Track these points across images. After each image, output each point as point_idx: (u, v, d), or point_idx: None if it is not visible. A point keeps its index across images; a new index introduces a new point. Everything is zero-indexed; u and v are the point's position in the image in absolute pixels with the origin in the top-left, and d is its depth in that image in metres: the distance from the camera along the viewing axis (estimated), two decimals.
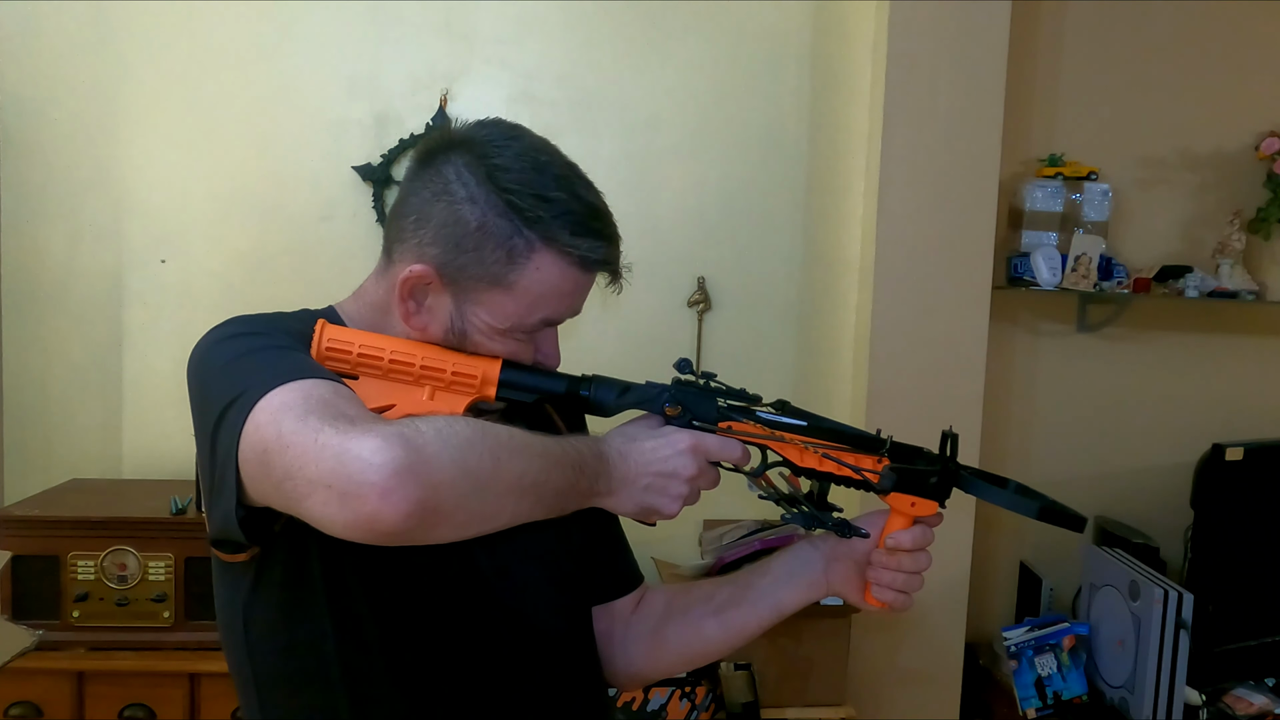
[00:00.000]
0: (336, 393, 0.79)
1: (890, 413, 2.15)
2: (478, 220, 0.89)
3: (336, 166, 2.19)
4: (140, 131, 2.17)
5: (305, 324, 0.92)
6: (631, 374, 0.88)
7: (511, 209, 0.89)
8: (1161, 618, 1.92)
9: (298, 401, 0.76)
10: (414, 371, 0.90)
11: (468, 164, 0.90)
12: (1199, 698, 2.01)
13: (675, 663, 1.15)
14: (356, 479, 0.70)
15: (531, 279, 0.90)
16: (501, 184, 0.89)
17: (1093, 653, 2.11)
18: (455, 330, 0.93)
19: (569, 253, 0.90)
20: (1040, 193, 2.25)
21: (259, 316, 0.93)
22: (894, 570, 0.99)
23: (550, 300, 0.92)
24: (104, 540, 1.81)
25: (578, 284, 0.94)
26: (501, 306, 0.91)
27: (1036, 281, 2.22)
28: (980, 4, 2.10)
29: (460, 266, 0.90)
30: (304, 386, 0.78)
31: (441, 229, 0.90)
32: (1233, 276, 2.28)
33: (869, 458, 0.95)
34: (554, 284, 0.91)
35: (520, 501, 0.81)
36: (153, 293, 2.19)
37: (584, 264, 0.92)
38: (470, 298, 0.91)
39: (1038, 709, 2.04)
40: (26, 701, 1.77)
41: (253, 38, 2.17)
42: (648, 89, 2.24)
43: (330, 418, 0.74)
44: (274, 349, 0.85)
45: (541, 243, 0.89)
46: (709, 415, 0.95)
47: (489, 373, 0.92)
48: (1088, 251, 2.20)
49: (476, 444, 0.78)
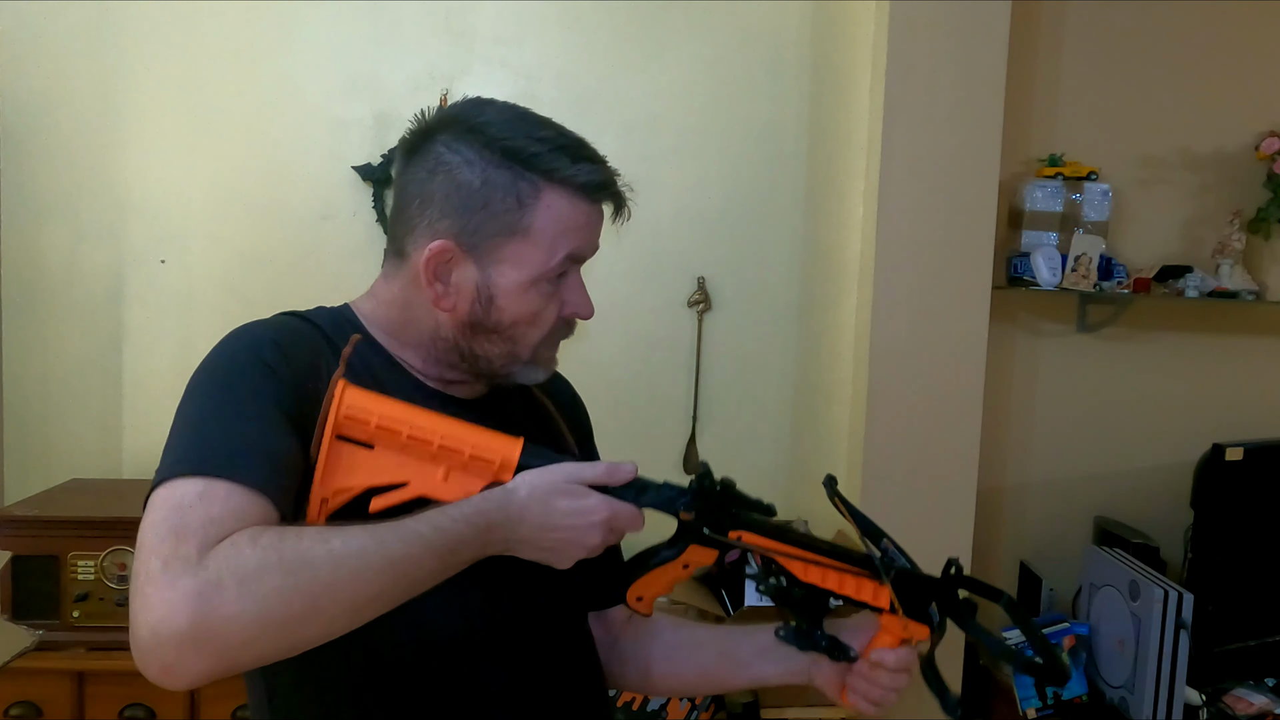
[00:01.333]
0: (205, 505, 0.77)
1: (890, 413, 2.16)
2: (480, 177, 0.91)
3: (336, 166, 2.19)
4: (140, 131, 2.17)
5: (318, 324, 0.95)
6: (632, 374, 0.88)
7: (508, 156, 0.91)
8: (1161, 618, 1.91)
9: (164, 517, 0.76)
10: (431, 450, 0.88)
11: (453, 135, 0.93)
12: (1199, 698, 2.00)
13: (664, 692, 1.20)
14: (141, 646, 0.71)
15: (545, 218, 0.92)
16: (491, 137, 0.92)
17: (1093, 653, 2.11)
18: (483, 298, 0.93)
19: (572, 182, 0.92)
20: (1040, 193, 2.25)
21: (263, 332, 0.92)
22: (872, 683, 1.00)
23: (568, 236, 0.94)
24: (104, 540, 1.81)
25: (588, 215, 0.96)
26: (523, 256, 0.93)
27: (1036, 281, 2.22)
28: (980, 4, 2.10)
29: (475, 228, 0.92)
30: (183, 494, 0.77)
31: (447, 201, 0.92)
32: (1233, 276, 2.28)
33: (870, 584, 0.96)
34: (567, 218, 0.93)
35: (359, 615, 0.79)
36: (153, 293, 2.19)
37: (588, 191, 0.94)
38: (492, 257, 0.93)
39: (1038, 709, 2.04)
40: (26, 701, 1.78)
41: (253, 38, 2.17)
42: (648, 89, 2.24)
43: (166, 551, 0.73)
44: (231, 405, 0.84)
45: (544, 180, 0.92)
46: (723, 524, 0.94)
47: (509, 456, 0.89)
48: (1088, 251, 2.20)
49: (299, 586, 0.74)
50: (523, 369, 0.99)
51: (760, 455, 2.32)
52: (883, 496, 2.15)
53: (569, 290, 0.98)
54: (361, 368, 0.94)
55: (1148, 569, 2.03)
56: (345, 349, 0.92)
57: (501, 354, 0.97)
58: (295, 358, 0.89)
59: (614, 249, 1.08)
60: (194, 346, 2.19)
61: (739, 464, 2.29)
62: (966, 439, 2.17)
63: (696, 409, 2.29)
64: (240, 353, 0.90)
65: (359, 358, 0.94)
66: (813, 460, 2.33)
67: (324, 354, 0.92)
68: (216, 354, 0.91)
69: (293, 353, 0.90)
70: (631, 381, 2.28)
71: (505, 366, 0.98)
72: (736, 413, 2.31)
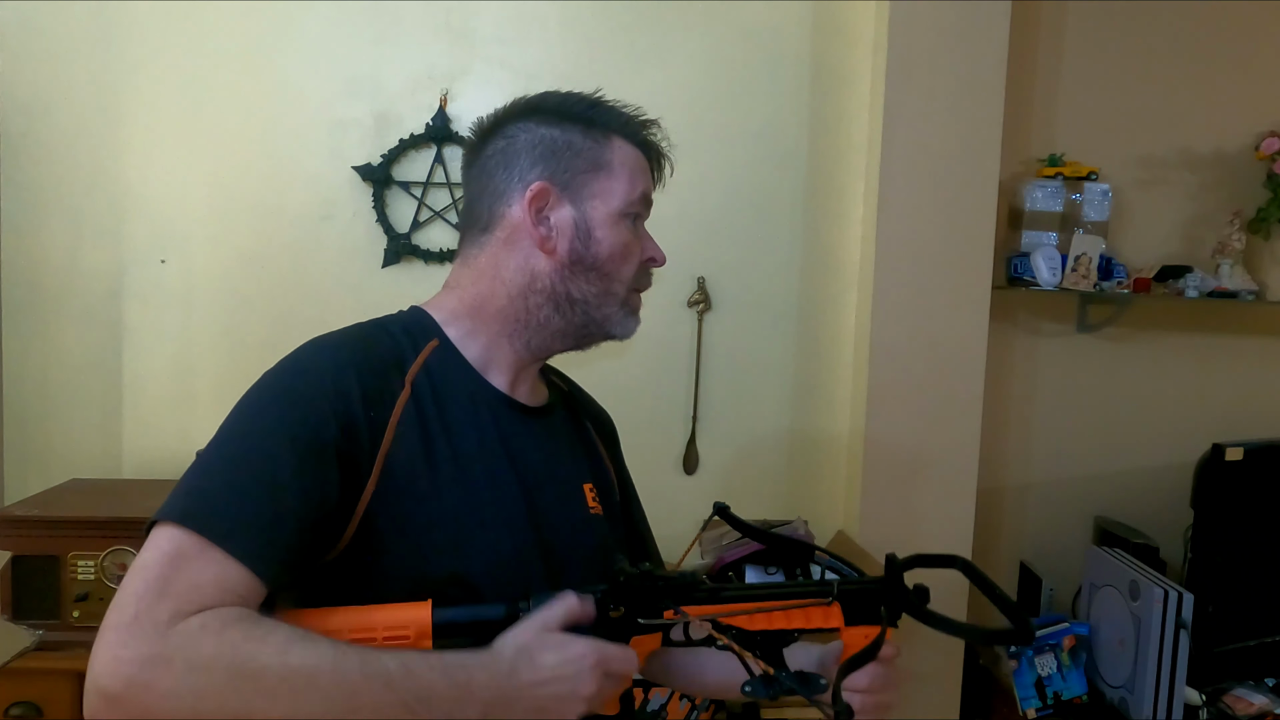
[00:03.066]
0: (196, 569, 0.79)
1: (890, 413, 2.16)
2: (559, 130, 1.03)
3: (336, 166, 2.19)
4: (140, 131, 2.17)
5: (394, 334, 0.98)
6: (632, 374, 0.88)
7: (573, 120, 1.04)
8: (1161, 618, 1.92)
9: (157, 562, 0.80)
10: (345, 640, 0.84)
11: (522, 117, 1.05)
12: (1199, 698, 2.00)
13: (682, 687, 1.22)
14: (88, 684, 0.76)
15: (620, 155, 1.04)
16: (553, 107, 1.05)
17: (1093, 653, 2.11)
18: (581, 233, 1.02)
19: (629, 134, 1.06)
20: (1040, 193, 2.25)
21: (332, 355, 0.92)
22: (862, 706, 0.99)
23: (639, 175, 1.05)
24: (104, 540, 1.81)
25: (644, 165, 1.07)
26: (611, 189, 1.03)
27: (1036, 281, 2.22)
28: (980, 4, 2.10)
29: (566, 167, 1.02)
30: (182, 549, 0.80)
31: (533, 152, 1.03)
32: (1233, 276, 2.28)
33: (819, 609, 0.95)
34: (633, 160, 1.05)
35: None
36: (153, 293, 2.19)
37: (643, 144, 1.07)
38: (584, 193, 1.02)
39: (1038, 709, 2.04)
40: (26, 701, 1.77)
41: (253, 38, 2.17)
42: (648, 89, 2.24)
43: (143, 606, 0.77)
44: (260, 459, 0.84)
45: (606, 132, 1.05)
46: (655, 607, 0.91)
47: (422, 623, 0.85)
48: (1088, 251, 2.20)
49: (239, 693, 0.75)
50: (619, 313, 1.06)
51: (760, 455, 2.32)
52: (883, 496, 2.16)
53: (645, 238, 1.08)
54: (437, 373, 0.98)
55: (1148, 569, 2.03)
56: (412, 368, 0.96)
57: (599, 292, 1.04)
58: (362, 383, 0.90)
59: None
60: (194, 346, 2.20)
61: (739, 464, 2.29)
62: (966, 439, 2.17)
63: (696, 409, 2.29)
64: (296, 385, 0.90)
65: (433, 365, 0.98)
66: (813, 460, 2.33)
67: (392, 379, 0.94)
68: (276, 379, 0.91)
69: (360, 379, 0.91)
70: (631, 381, 2.27)
71: (601, 308, 1.05)
72: (736, 413, 2.31)
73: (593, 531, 1.06)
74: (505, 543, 0.95)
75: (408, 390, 0.94)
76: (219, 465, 0.86)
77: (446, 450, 0.94)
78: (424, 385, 0.96)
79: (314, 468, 0.85)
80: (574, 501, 1.06)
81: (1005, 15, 2.11)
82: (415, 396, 0.94)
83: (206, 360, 2.19)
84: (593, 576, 1.00)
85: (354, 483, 0.88)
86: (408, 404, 0.93)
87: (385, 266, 2.21)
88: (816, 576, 1.04)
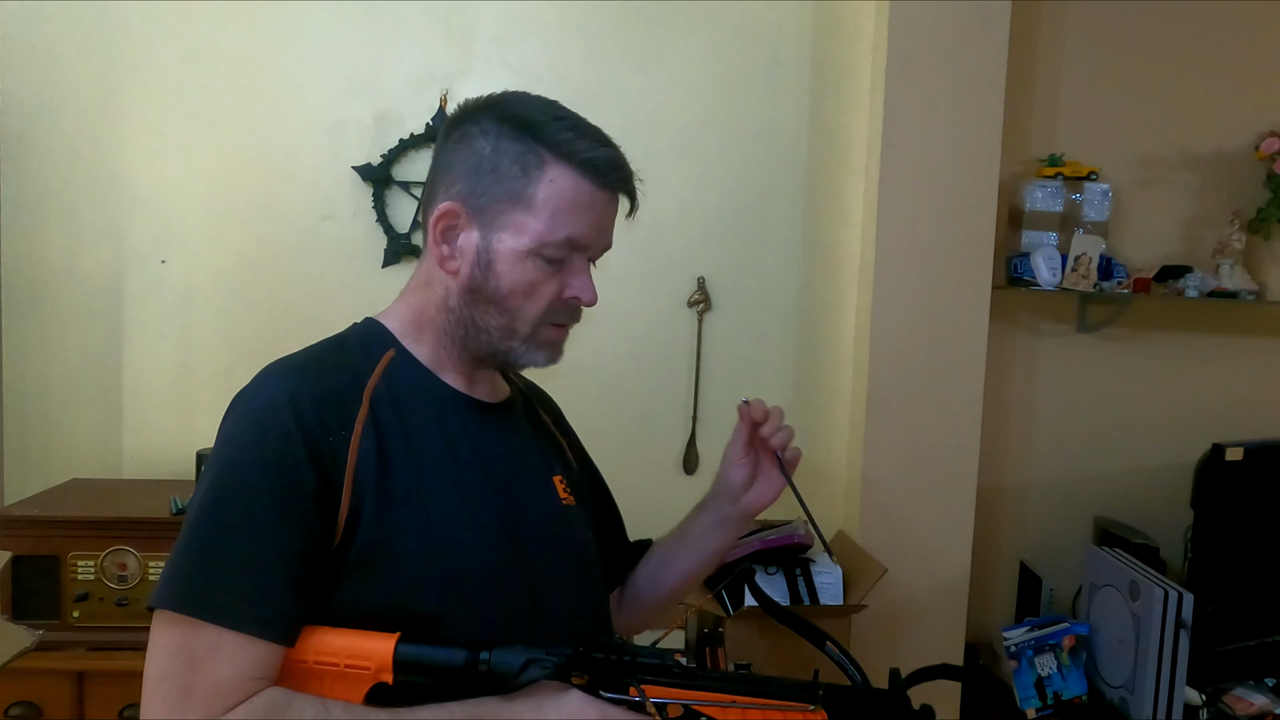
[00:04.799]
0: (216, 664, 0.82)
1: (890, 413, 2.16)
2: (491, 146, 0.96)
3: (336, 166, 2.19)
4: (140, 131, 2.17)
5: (348, 350, 0.98)
6: (632, 374, 0.88)
7: (521, 128, 0.95)
8: (1161, 618, 1.91)
9: (174, 659, 0.83)
10: (307, 667, 0.86)
11: (484, 114, 0.97)
12: (1199, 698, 2.00)
13: (646, 617, 1.24)
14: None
15: (548, 191, 0.94)
16: (511, 111, 0.97)
17: (1093, 653, 2.11)
18: (482, 262, 0.96)
19: (578, 159, 0.95)
20: (1040, 193, 2.25)
21: (279, 396, 0.90)
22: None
23: (570, 215, 0.95)
24: (104, 540, 1.81)
25: (592, 197, 0.96)
26: (523, 224, 0.95)
27: (1036, 281, 2.22)
28: (980, 4, 2.10)
29: (481, 192, 0.95)
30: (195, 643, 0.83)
31: (462, 167, 0.97)
32: (1233, 276, 2.28)
33: (798, 712, 0.88)
34: (569, 195, 0.95)
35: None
36: (153, 293, 2.19)
37: (595, 173, 0.96)
38: (495, 224, 0.96)
39: (1038, 709, 2.04)
40: (26, 701, 1.77)
41: (253, 38, 2.17)
42: (648, 89, 2.24)
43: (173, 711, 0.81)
44: (246, 525, 0.86)
45: (551, 153, 0.95)
46: (621, 682, 0.88)
47: (383, 657, 0.86)
48: (1088, 251, 2.20)
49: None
50: (522, 347, 1.00)
51: None
52: (883, 496, 2.16)
53: (573, 274, 0.99)
54: (396, 383, 0.97)
55: (1148, 569, 2.03)
56: (369, 382, 0.95)
57: (499, 326, 0.98)
58: (319, 409, 0.90)
59: (615, 249, 1.08)
60: (194, 346, 2.19)
61: None
62: (966, 439, 2.17)
63: (696, 409, 2.29)
64: (259, 432, 0.89)
65: (392, 375, 0.97)
66: (813, 460, 2.33)
67: (350, 398, 0.93)
68: (228, 448, 0.90)
69: (317, 406, 0.90)
70: (631, 381, 2.27)
71: (504, 341, 0.99)
72: (736, 413, 2.31)
73: (568, 523, 1.06)
74: (480, 548, 0.95)
75: (366, 406, 0.93)
76: (205, 538, 0.87)
77: (409, 462, 0.93)
78: (383, 398, 0.95)
79: (298, 514, 0.86)
80: (546, 495, 1.06)
81: (1005, 15, 2.11)
82: (374, 411, 0.93)
83: (206, 360, 2.19)
84: (571, 571, 1.02)
85: (333, 511, 0.88)
86: (367, 420, 0.92)
87: (385, 266, 2.21)
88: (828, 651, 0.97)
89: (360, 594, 0.89)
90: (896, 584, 2.11)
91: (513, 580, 0.96)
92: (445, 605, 0.91)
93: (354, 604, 0.89)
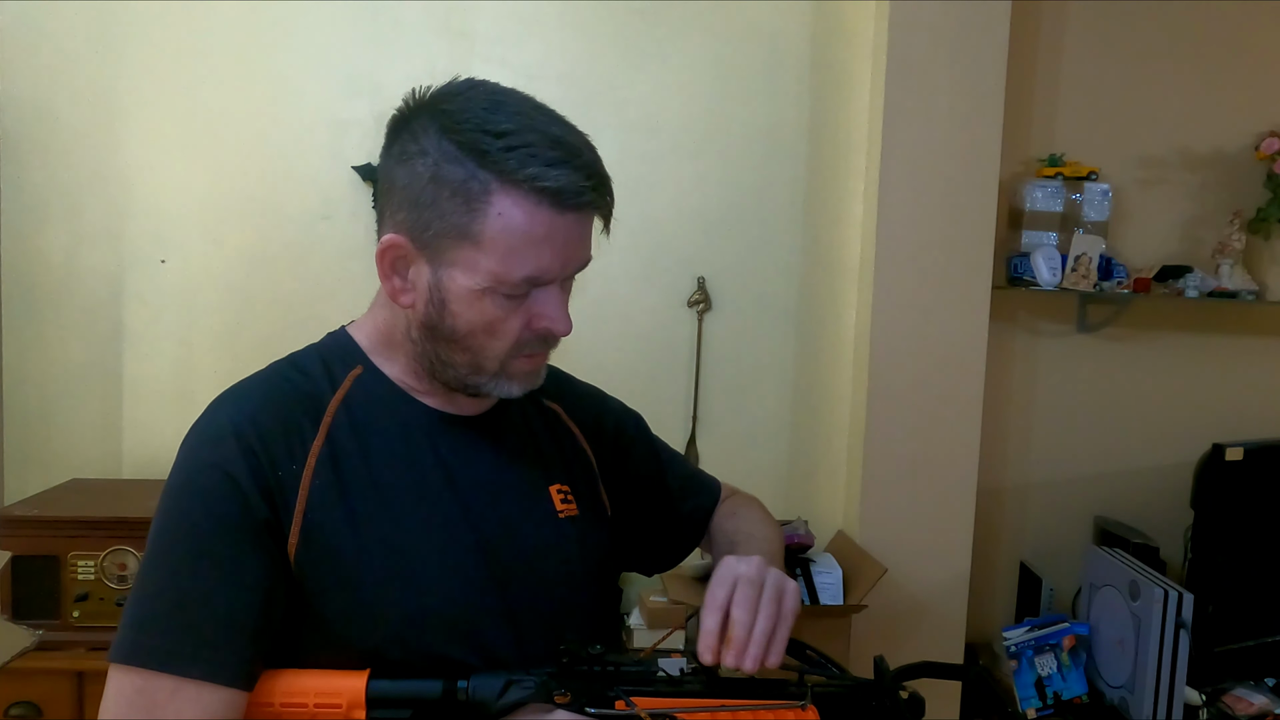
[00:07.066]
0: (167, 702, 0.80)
1: (890, 413, 2.16)
2: (430, 171, 0.82)
3: (336, 166, 2.19)
4: (140, 131, 2.17)
5: (310, 372, 0.92)
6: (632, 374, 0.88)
7: (463, 150, 0.81)
8: (1161, 618, 1.91)
9: (124, 698, 0.81)
10: (274, 711, 0.83)
11: (425, 121, 0.84)
12: (1199, 698, 2.00)
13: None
14: None
15: (496, 226, 0.81)
16: (450, 127, 0.82)
17: (1093, 653, 2.11)
18: (435, 300, 0.86)
19: (530, 188, 0.80)
20: (1040, 193, 2.25)
21: (225, 429, 0.86)
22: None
23: (526, 251, 0.82)
24: (104, 540, 1.81)
25: (552, 226, 0.82)
26: (474, 262, 0.83)
27: (1036, 281, 2.22)
28: (980, 4, 2.10)
29: (425, 225, 0.83)
30: (155, 690, 0.80)
31: (404, 191, 0.84)
32: (1233, 276, 2.28)
33: (790, 712, 0.87)
34: (522, 229, 0.81)
35: None
36: (153, 293, 2.19)
37: (552, 199, 0.81)
38: (444, 259, 0.84)
39: (1038, 709, 2.04)
40: (26, 701, 1.78)
41: (252, 38, 2.17)
42: (648, 89, 2.24)
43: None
44: (198, 568, 0.82)
45: (498, 182, 0.80)
46: (602, 695, 0.86)
47: (355, 694, 0.83)
48: (1088, 251, 2.20)
49: None
50: (491, 381, 0.91)
51: (760, 455, 2.32)
52: (883, 496, 2.16)
53: (541, 302, 0.87)
54: (359, 405, 0.91)
55: (1148, 569, 2.03)
56: (330, 407, 0.89)
57: (464, 363, 0.89)
58: (265, 441, 0.86)
59: (614, 249, 1.06)
60: (194, 346, 2.20)
61: (739, 464, 2.29)
62: (966, 439, 2.17)
63: (696, 409, 2.29)
64: (195, 482, 0.85)
65: (356, 397, 0.91)
66: (813, 460, 2.33)
67: (302, 428, 0.88)
68: (174, 486, 0.86)
69: (263, 438, 0.86)
70: (631, 382, 2.27)
71: (471, 377, 0.90)
72: (736, 413, 2.31)
73: (563, 538, 0.98)
74: (453, 583, 0.89)
75: (322, 437, 0.88)
76: (157, 582, 0.84)
77: (373, 494, 0.87)
78: (342, 424, 0.89)
79: (249, 549, 0.83)
80: (537, 511, 0.97)
81: (1005, 15, 2.11)
82: (331, 440, 0.88)
83: (206, 360, 2.19)
84: (562, 592, 0.96)
85: (282, 546, 0.85)
86: (322, 452, 0.87)
87: None
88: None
89: (324, 634, 0.86)
90: (896, 584, 2.11)
91: (488, 614, 0.90)
92: (415, 647, 0.86)
93: (320, 644, 0.86)
